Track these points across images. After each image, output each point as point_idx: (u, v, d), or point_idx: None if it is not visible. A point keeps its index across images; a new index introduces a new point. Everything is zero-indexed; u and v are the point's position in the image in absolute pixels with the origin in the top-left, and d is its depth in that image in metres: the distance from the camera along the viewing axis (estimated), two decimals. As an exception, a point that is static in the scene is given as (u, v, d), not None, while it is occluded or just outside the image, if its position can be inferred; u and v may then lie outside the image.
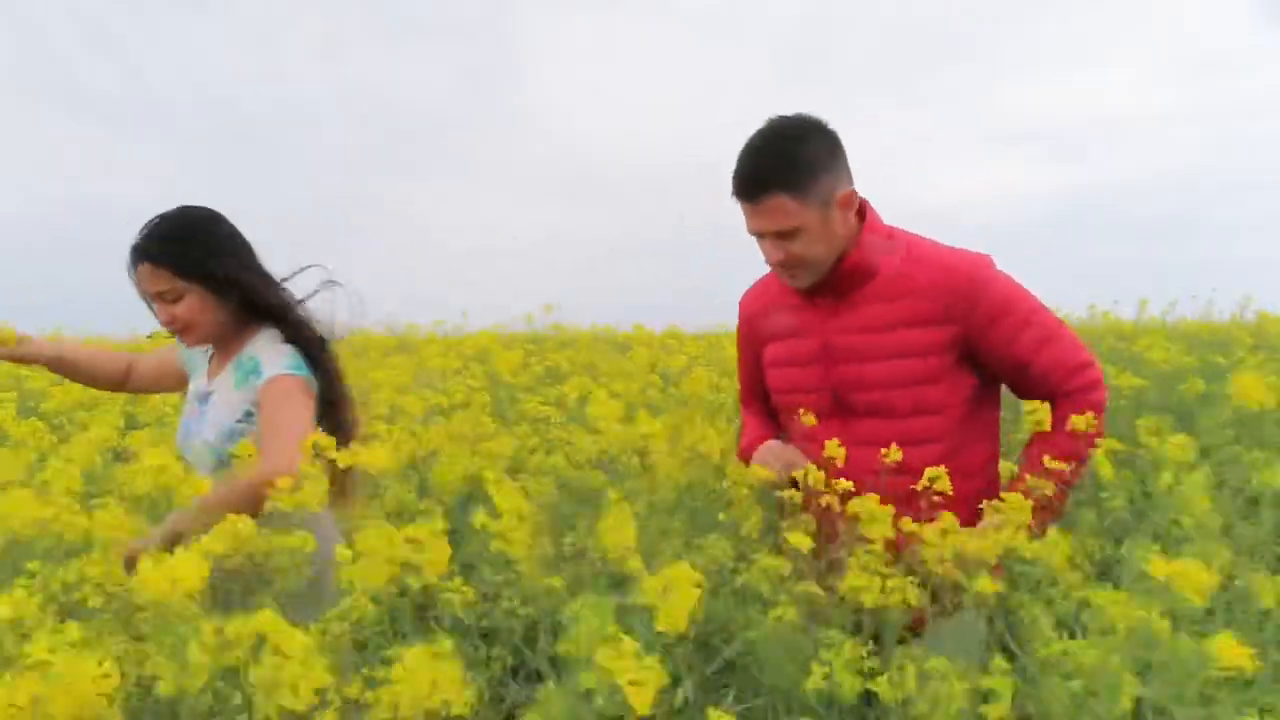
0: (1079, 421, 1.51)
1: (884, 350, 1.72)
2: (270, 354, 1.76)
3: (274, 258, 1.86)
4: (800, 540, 1.37)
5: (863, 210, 1.75)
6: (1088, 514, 1.72)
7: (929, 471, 1.43)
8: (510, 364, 3.80)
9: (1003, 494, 1.37)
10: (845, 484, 1.46)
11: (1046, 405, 1.62)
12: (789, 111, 1.71)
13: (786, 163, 1.65)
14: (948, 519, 1.32)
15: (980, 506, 1.47)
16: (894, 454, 1.52)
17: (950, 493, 1.43)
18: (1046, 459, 1.50)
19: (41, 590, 1.41)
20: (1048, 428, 1.62)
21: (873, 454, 1.57)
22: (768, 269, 1.85)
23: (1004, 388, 1.81)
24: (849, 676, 1.09)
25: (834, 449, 1.55)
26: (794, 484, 1.58)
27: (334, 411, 1.82)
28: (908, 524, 1.35)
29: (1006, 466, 1.92)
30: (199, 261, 1.73)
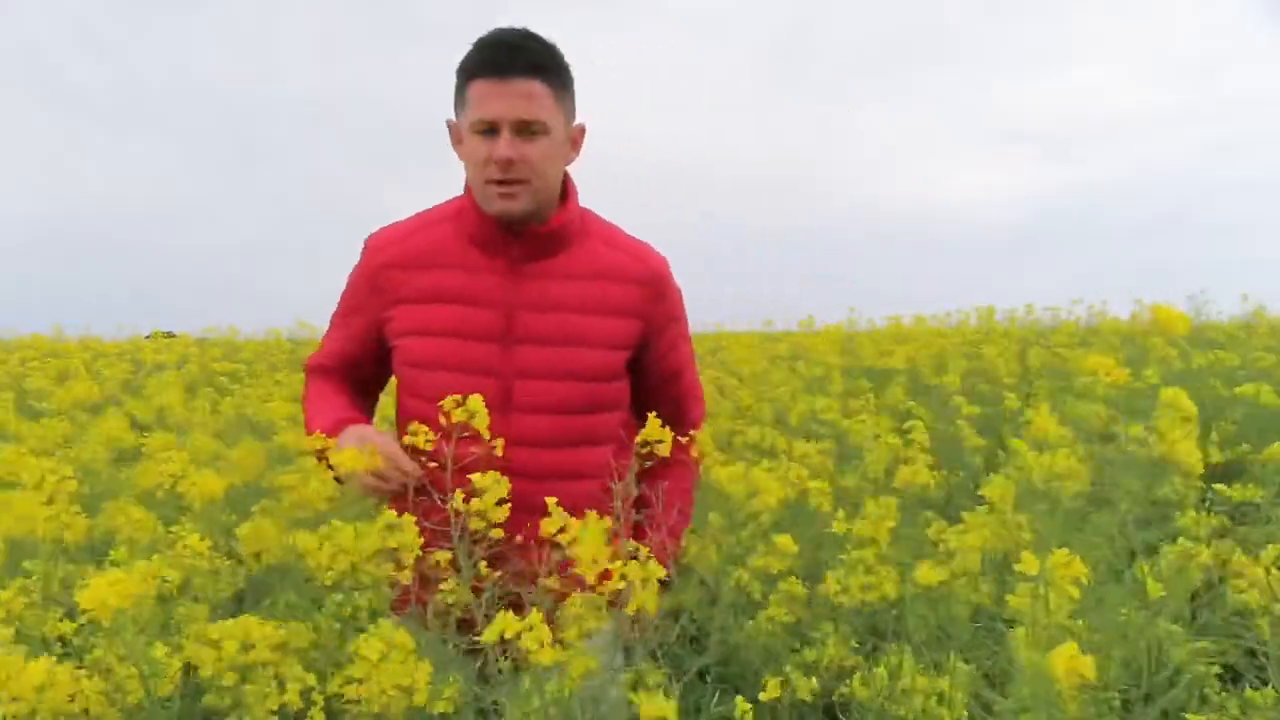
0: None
1: (574, 336, 1.52)
2: None
3: (273, 257, 1.80)
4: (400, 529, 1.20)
5: (567, 182, 1.59)
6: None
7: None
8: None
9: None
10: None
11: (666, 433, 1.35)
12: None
13: (549, 53, 1.49)
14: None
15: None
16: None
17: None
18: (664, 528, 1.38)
19: (40, 590, 1.42)
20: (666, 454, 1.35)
21: (536, 456, 1.44)
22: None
23: None
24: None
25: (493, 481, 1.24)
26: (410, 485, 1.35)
27: None
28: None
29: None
30: None
